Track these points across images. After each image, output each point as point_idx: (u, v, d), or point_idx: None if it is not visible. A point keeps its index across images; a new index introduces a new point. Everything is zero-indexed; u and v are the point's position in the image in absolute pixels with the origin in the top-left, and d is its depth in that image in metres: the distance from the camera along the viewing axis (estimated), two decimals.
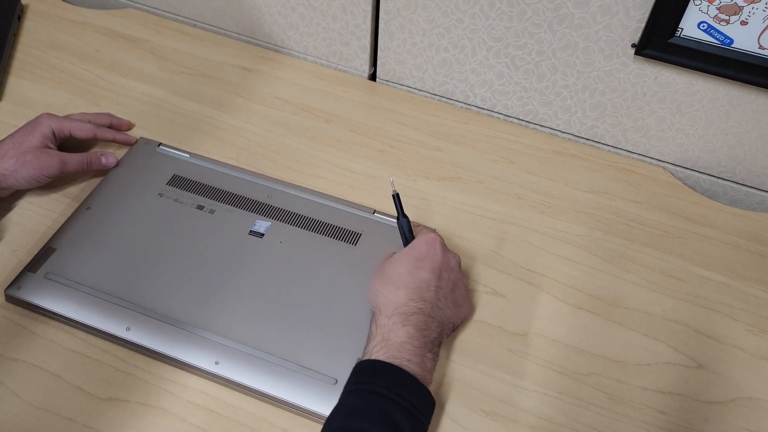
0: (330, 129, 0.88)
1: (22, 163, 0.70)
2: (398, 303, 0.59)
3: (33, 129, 0.73)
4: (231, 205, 0.75)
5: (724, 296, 0.73)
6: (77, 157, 0.75)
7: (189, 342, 0.64)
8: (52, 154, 0.73)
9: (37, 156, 0.71)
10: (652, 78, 0.79)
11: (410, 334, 0.57)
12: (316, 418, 0.61)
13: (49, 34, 0.98)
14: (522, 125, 0.91)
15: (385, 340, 0.57)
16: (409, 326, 0.58)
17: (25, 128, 0.74)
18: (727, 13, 0.70)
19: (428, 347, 0.58)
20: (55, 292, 0.67)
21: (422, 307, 0.59)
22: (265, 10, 0.95)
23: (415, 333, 0.58)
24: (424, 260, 0.62)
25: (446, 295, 0.62)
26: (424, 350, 0.58)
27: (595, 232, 0.78)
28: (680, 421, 0.63)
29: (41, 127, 0.74)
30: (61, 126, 0.75)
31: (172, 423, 0.60)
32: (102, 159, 0.77)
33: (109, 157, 0.77)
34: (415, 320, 0.58)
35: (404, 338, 0.57)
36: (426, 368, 0.57)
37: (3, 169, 0.70)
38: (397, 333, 0.57)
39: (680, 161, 0.86)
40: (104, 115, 0.82)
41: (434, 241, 0.64)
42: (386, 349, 0.56)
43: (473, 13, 0.82)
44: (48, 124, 0.74)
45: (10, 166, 0.70)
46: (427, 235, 0.65)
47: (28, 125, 0.74)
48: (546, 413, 0.63)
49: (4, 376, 0.62)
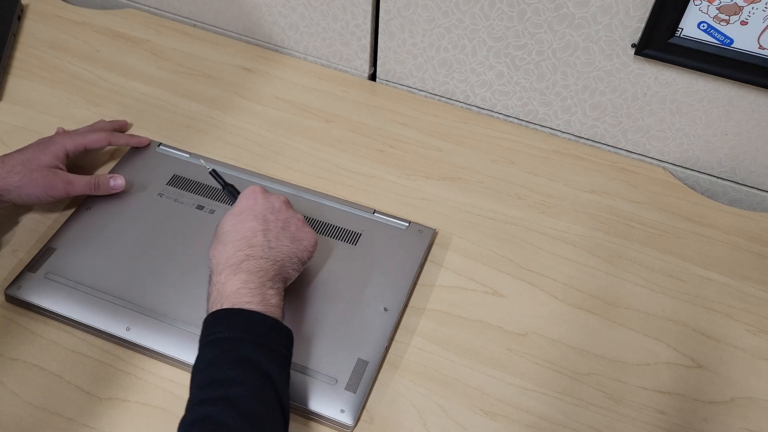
0: (330, 129, 0.88)
1: (28, 181, 0.69)
2: (227, 257, 0.60)
3: (46, 147, 0.72)
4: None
5: (724, 296, 0.73)
6: (84, 180, 0.73)
7: (189, 342, 0.64)
8: (59, 175, 0.71)
9: (44, 175, 0.70)
10: (652, 78, 0.79)
11: (243, 280, 0.58)
12: (315, 417, 0.61)
13: (49, 34, 0.98)
14: (522, 125, 0.91)
15: (220, 293, 0.57)
16: (240, 273, 0.58)
17: (39, 145, 0.73)
18: (727, 13, 0.70)
19: (267, 285, 0.59)
20: (55, 292, 0.67)
21: (251, 253, 0.60)
22: (265, 10, 0.95)
23: (248, 277, 0.58)
24: (246, 212, 0.64)
25: (277, 235, 0.63)
26: (263, 288, 0.58)
27: (595, 232, 0.78)
28: (680, 421, 0.63)
29: (54, 147, 0.72)
30: (76, 144, 0.75)
31: (172, 423, 0.60)
32: (110, 182, 0.75)
33: (117, 180, 0.75)
34: (246, 266, 0.59)
35: (238, 285, 0.57)
36: (270, 304, 0.58)
37: (7, 184, 0.68)
38: (230, 283, 0.58)
39: (680, 161, 0.86)
40: (104, 122, 0.82)
41: (252, 192, 0.66)
42: (222, 301, 0.57)
43: (473, 13, 0.82)
44: (62, 145, 0.73)
45: (15, 182, 0.68)
46: (246, 189, 0.66)
47: (41, 143, 0.73)
48: (546, 413, 0.63)
49: (4, 376, 0.62)
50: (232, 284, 0.58)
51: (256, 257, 0.60)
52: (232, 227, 0.63)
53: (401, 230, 0.74)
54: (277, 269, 0.61)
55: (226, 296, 0.57)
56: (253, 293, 0.57)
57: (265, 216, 0.63)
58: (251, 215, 0.63)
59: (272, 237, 0.62)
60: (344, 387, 0.61)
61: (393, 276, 0.70)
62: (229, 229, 0.63)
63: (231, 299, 0.57)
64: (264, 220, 0.63)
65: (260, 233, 0.62)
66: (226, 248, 0.61)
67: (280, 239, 0.63)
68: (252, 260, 0.60)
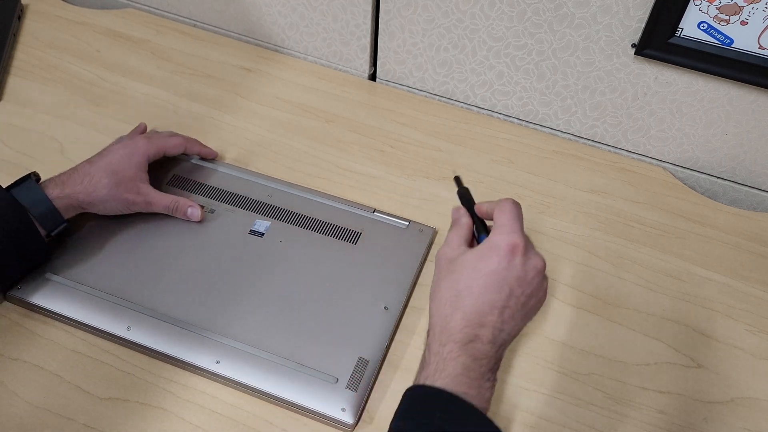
0: (330, 129, 0.88)
1: (113, 195, 0.68)
2: (452, 329, 0.52)
3: (130, 157, 0.71)
4: (231, 205, 0.75)
5: (724, 296, 0.73)
6: (163, 203, 0.72)
7: (190, 341, 0.64)
8: (141, 193, 0.71)
9: (128, 189, 0.69)
10: (652, 78, 0.79)
11: (465, 366, 0.51)
12: (316, 417, 0.61)
13: (49, 34, 0.98)
14: (522, 125, 0.91)
15: (439, 369, 0.51)
16: (464, 356, 0.51)
17: (123, 152, 0.71)
18: (727, 13, 0.70)
19: (486, 377, 0.52)
20: (55, 291, 0.66)
21: (479, 334, 0.52)
22: (265, 10, 0.95)
23: (471, 364, 0.51)
24: (492, 276, 0.53)
25: (513, 314, 0.53)
26: (482, 381, 0.51)
27: (595, 232, 0.78)
28: (680, 421, 0.63)
29: (137, 156, 0.71)
30: (158, 150, 0.74)
31: (172, 423, 0.60)
32: (188, 210, 0.73)
33: (195, 210, 0.73)
34: (471, 349, 0.51)
35: (459, 370, 0.51)
36: (484, 398, 0.51)
37: (93, 198, 0.68)
38: (452, 365, 0.51)
39: (680, 161, 0.86)
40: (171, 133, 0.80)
41: (511, 251, 0.54)
42: (441, 382, 0.50)
43: (473, 13, 0.82)
44: (145, 152, 0.72)
45: (101, 196, 0.68)
46: (507, 242, 0.54)
47: (126, 150, 0.71)
48: (546, 413, 0.63)
49: (4, 376, 0.62)
50: (454, 367, 0.51)
51: (483, 341, 0.52)
52: (467, 289, 0.53)
53: (401, 229, 0.74)
54: (500, 355, 0.53)
55: (445, 376, 0.50)
56: (471, 384, 0.50)
57: (512, 289, 0.53)
58: (496, 285, 0.53)
59: (507, 317, 0.53)
60: (345, 386, 0.61)
61: (393, 275, 0.70)
62: (463, 288, 0.53)
63: (448, 382, 0.50)
64: (509, 296, 0.53)
65: (497, 311, 0.52)
66: (454, 316, 0.52)
67: (514, 319, 0.53)
68: (478, 343, 0.52)
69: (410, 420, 0.50)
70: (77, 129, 0.85)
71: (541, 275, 0.55)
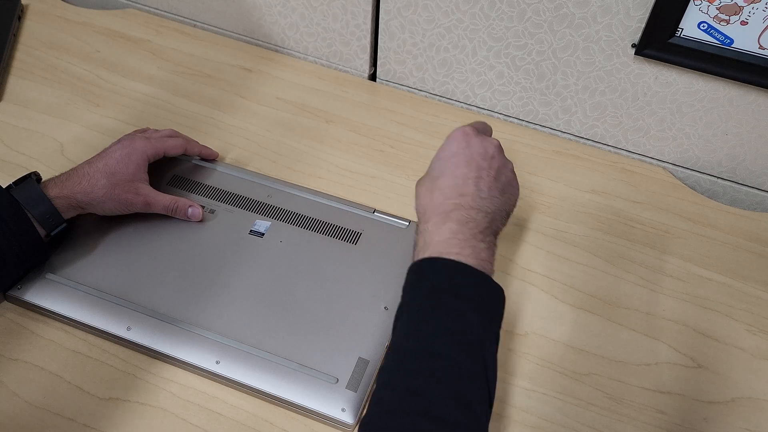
0: (330, 129, 0.88)
1: (110, 196, 0.68)
2: (435, 204, 0.57)
3: (129, 157, 0.70)
4: (231, 205, 0.75)
5: (724, 296, 0.73)
6: (162, 204, 0.72)
7: (189, 341, 0.64)
8: (140, 194, 0.70)
9: (126, 190, 0.69)
10: (652, 78, 0.79)
11: (453, 230, 0.54)
12: (316, 417, 0.61)
13: (49, 34, 0.98)
14: (522, 125, 0.91)
15: (427, 242, 0.54)
16: (450, 222, 0.55)
17: (122, 152, 0.70)
18: (727, 13, 0.70)
19: (478, 237, 0.55)
20: (55, 292, 0.66)
21: (461, 202, 0.56)
22: (265, 10, 0.95)
23: (458, 227, 0.55)
24: (457, 156, 0.60)
25: (489, 185, 0.59)
26: (474, 240, 0.54)
27: (595, 232, 0.78)
28: (680, 421, 0.63)
29: (136, 157, 0.71)
30: (157, 150, 0.73)
31: (172, 423, 0.60)
32: (189, 210, 0.73)
33: (195, 210, 0.73)
34: (456, 216, 0.55)
35: (447, 235, 0.54)
36: (481, 257, 0.54)
37: (92, 199, 0.67)
38: (439, 232, 0.54)
39: (680, 161, 0.86)
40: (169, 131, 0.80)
41: (464, 134, 0.61)
42: (431, 251, 0.53)
43: (473, 13, 0.82)
44: (144, 152, 0.72)
45: (99, 196, 0.68)
46: (455, 131, 0.62)
47: (125, 150, 0.71)
48: (546, 413, 0.63)
49: (4, 376, 0.62)
50: (441, 233, 0.54)
51: (466, 207, 0.56)
52: (440, 173, 0.59)
53: (401, 229, 0.75)
54: (488, 222, 0.57)
55: (435, 245, 0.54)
56: (462, 244, 0.53)
57: (478, 163, 0.59)
58: (463, 161, 0.59)
59: (483, 186, 0.58)
60: (345, 386, 0.61)
61: (393, 275, 0.70)
62: (437, 175, 0.59)
63: (439, 248, 0.53)
64: (477, 168, 0.59)
65: (471, 181, 0.58)
66: (434, 195, 0.58)
67: (491, 190, 0.59)
68: (462, 210, 0.56)
69: (405, 293, 0.54)
70: (77, 129, 0.85)
71: (500, 151, 0.62)
